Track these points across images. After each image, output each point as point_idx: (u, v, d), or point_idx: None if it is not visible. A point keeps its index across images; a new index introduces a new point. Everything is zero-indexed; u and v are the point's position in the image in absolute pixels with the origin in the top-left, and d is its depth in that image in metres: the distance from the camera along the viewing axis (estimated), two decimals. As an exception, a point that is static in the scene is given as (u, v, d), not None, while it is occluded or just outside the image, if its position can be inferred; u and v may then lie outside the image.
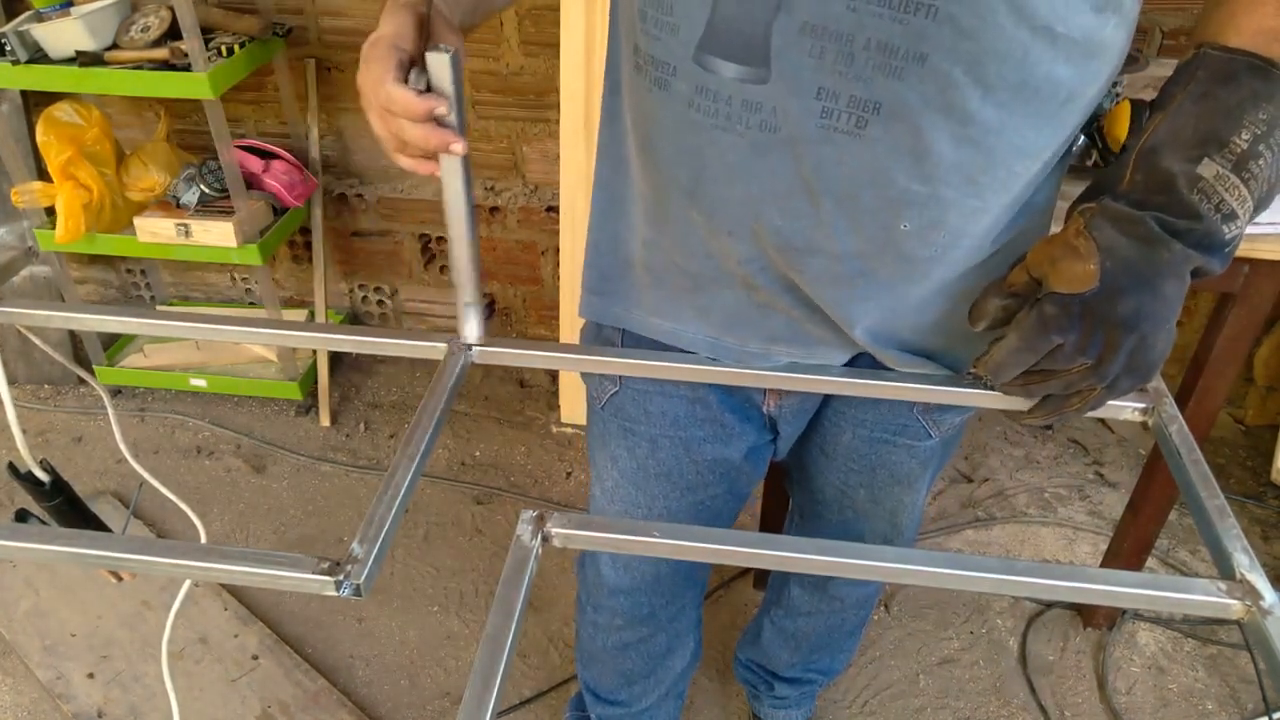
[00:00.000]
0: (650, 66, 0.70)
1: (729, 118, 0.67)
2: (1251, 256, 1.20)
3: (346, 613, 1.78)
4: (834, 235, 0.71)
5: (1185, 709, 1.61)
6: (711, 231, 0.76)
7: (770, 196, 0.70)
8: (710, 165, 0.71)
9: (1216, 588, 0.63)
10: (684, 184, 0.74)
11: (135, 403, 2.29)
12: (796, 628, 1.37)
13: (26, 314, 0.86)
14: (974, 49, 0.61)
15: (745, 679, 1.55)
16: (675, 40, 0.67)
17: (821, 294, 0.76)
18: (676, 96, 0.69)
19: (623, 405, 0.97)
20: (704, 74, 0.66)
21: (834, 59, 0.62)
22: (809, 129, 0.65)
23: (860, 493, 1.04)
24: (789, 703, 1.52)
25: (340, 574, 0.60)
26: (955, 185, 0.68)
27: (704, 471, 1.00)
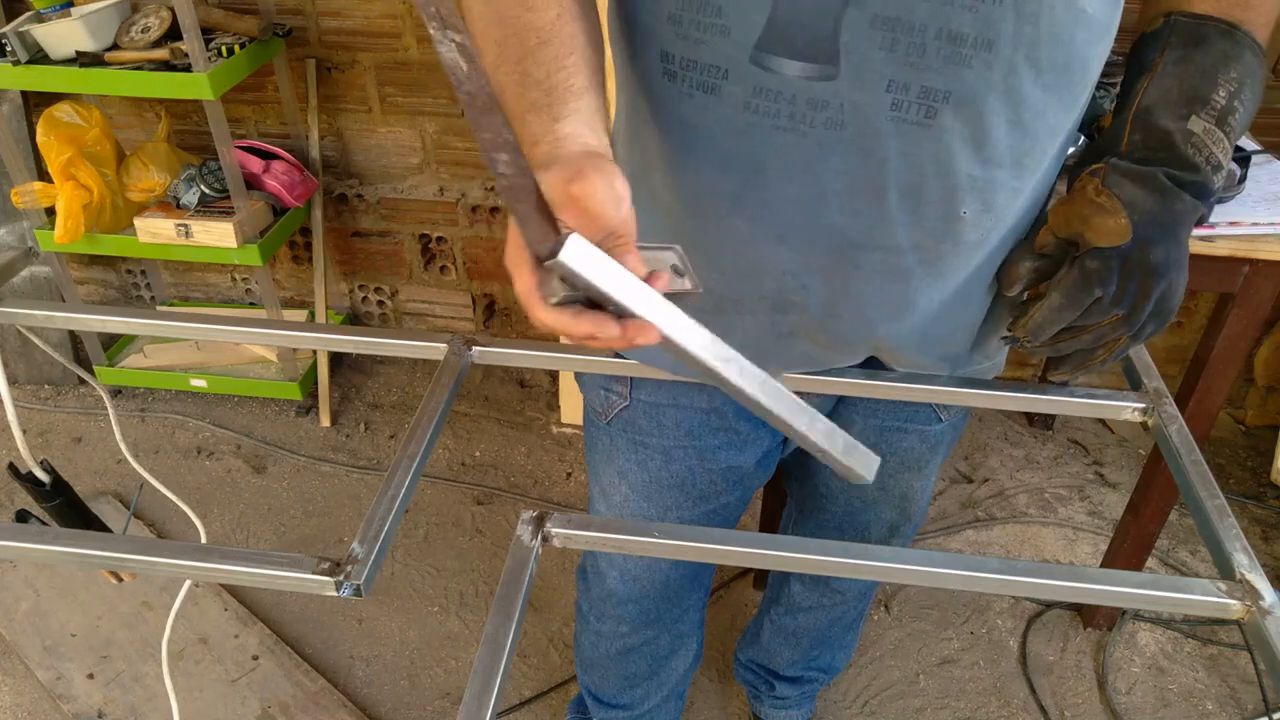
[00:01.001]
0: (691, 72, 0.67)
1: (791, 117, 0.66)
2: (1251, 256, 1.20)
3: (346, 613, 1.78)
4: (896, 228, 0.71)
5: (1185, 709, 1.61)
6: (756, 239, 0.74)
7: (832, 194, 0.70)
8: (767, 167, 0.69)
9: (1216, 588, 0.63)
10: (731, 190, 0.72)
11: (135, 403, 2.29)
12: (797, 624, 1.37)
13: (26, 314, 0.86)
14: (1033, 33, 0.62)
15: (746, 679, 1.55)
16: (726, 42, 0.65)
17: (867, 291, 0.76)
18: (728, 100, 0.67)
19: (634, 419, 0.96)
20: (763, 74, 0.65)
21: (906, 50, 0.62)
22: (879, 122, 0.65)
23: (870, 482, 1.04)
24: (790, 703, 1.52)
25: (340, 574, 0.60)
26: (1006, 168, 0.70)
27: (717, 480, 1.00)
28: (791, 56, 0.64)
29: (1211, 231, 1.19)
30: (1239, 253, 1.20)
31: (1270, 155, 1.31)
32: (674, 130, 0.72)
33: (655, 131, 0.74)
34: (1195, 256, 1.20)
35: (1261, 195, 1.24)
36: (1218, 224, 1.19)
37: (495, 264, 2.29)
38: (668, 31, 0.67)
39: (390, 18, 1.96)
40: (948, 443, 1.04)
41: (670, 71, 0.69)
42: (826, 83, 0.64)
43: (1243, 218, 1.19)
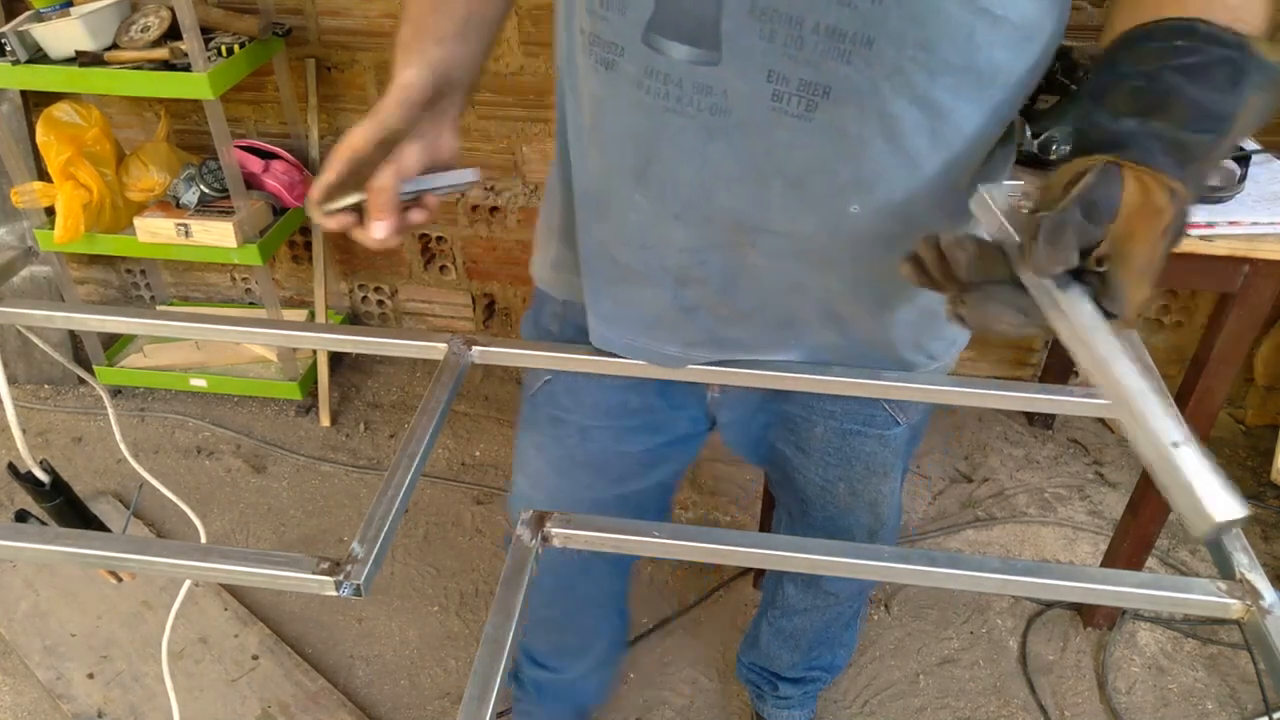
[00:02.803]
0: (597, 47, 0.69)
1: (680, 100, 0.67)
2: (1251, 256, 1.20)
3: (346, 613, 1.78)
4: (783, 215, 0.72)
5: (1185, 709, 1.61)
6: (657, 216, 0.75)
7: (722, 179, 0.71)
8: (661, 147, 0.71)
9: (1216, 588, 0.63)
10: (631, 166, 0.74)
11: (135, 403, 2.29)
12: (794, 626, 1.37)
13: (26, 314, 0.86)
14: (920, 33, 0.61)
15: (749, 680, 1.55)
16: (623, 20, 0.66)
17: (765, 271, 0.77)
18: (624, 77, 0.68)
19: (555, 394, 0.98)
20: (653, 55, 0.66)
21: (784, 42, 0.62)
22: (760, 112, 0.66)
23: (840, 486, 1.05)
24: (792, 703, 1.52)
25: (340, 574, 0.60)
26: (903, 170, 0.68)
27: (631, 463, 1.01)
28: (678, 40, 0.65)
29: (1211, 231, 1.19)
30: (1239, 252, 1.19)
31: (1270, 155, 1.31)
32: (588, 101, 0.74)
33: (577, 101, 0.77)
34: (1195, 256, 1.20)
35: (1261, 195, 1.24)
36: (1218, 224, 1.19)
37: (495, 264, 2.29)
38: (583, 4, 0.69)
39: (390, 17, 1.96)
40: (908, 447, 1.04)
41: (584, 45, 0.71)
42: (710, 68, 0.65)
43: (1243, 218, 1.19)
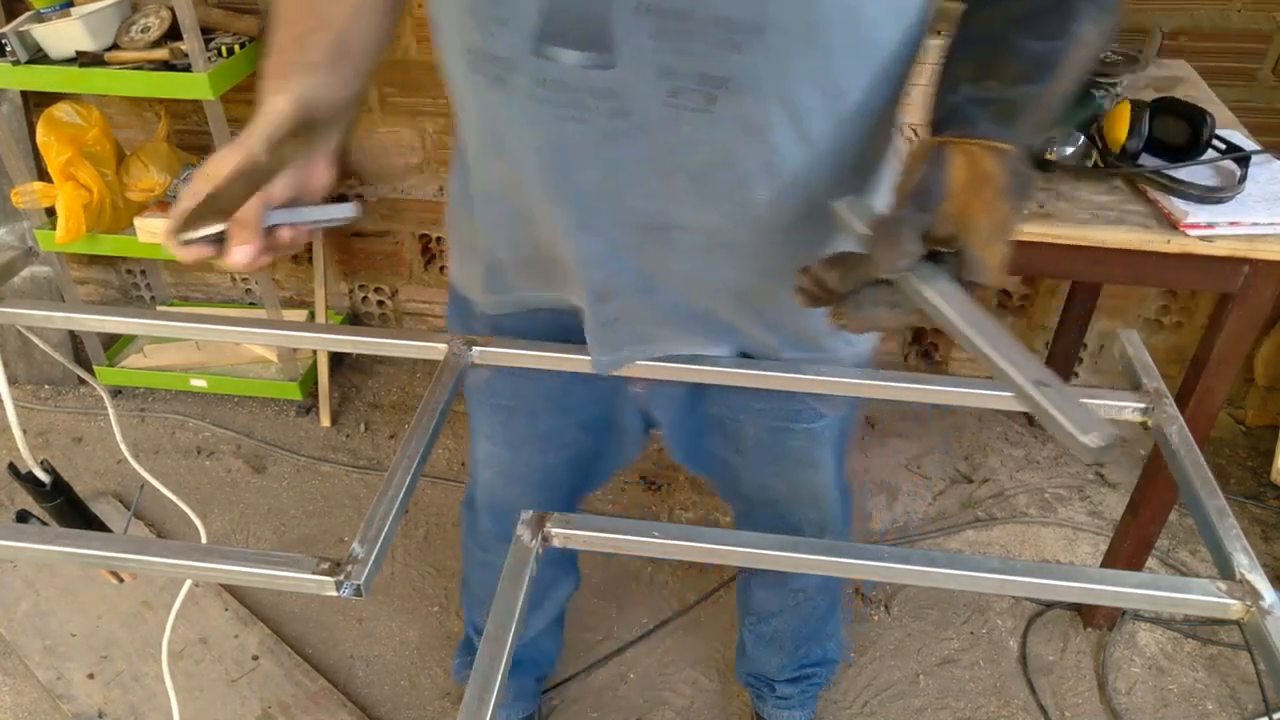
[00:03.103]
0: (487, 64, 0.68)
1: (578, 106, 0.66)
2: (1251, 256, 1.20)
3: (346, 613, 1.78)
4: (691, 210, 0.72)
5: (1185, 709, 1.61)
6: (566, 226, 0.75)
7: (628, 180, 0.71)
8: (564, 154, 0.70)
9: (1216, 588, 0.63)
10: (536, 177, 0.73)
11: (135, 403, 2.29)
12: (772, 630, 1.38)
13: (26, 314, 0.86)
14: (809, 15, 0.61)
15: (748, 685, 1.56)
16: (510, 33, 0.65)
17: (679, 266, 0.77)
18: (519, 90, 0.68)
19: (495, 384, 1.00)
20: (546, 64, 0.65)
21: (675, 37, 0.62)
22: (659, 110, 0.65)
23: (778, 484, 1.06)
24: (792, 703, 1.52)
25: (340, 574, 0.60)
26: (804, 153, 0.69)
27: (578, 430, 1.05)
28: (569, 46, 0.64)
29: (1211, 231, 1.19)
30: (1239, 253, 1.19)
31: (1270, 155, 1.31)
32: (484, 119, 0.74)
33: (468, 119, 0.77)
34: (1195, 256, 1.21)
35: (1261, 195, 1.24)
36: (1218, 224, 1.19)
37: (495, 264, 2.28)
38: (468, 24, 0.68)
39: (390, 18, 1.96)
40: (839, 438, 1.04)
41: (472, 63, 0.70)
42: (605, 71, 0.64)
43: (1243, 218, 1.19)
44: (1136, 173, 1.27)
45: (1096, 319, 2.03)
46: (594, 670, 1.69)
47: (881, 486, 2.04)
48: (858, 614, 1.78)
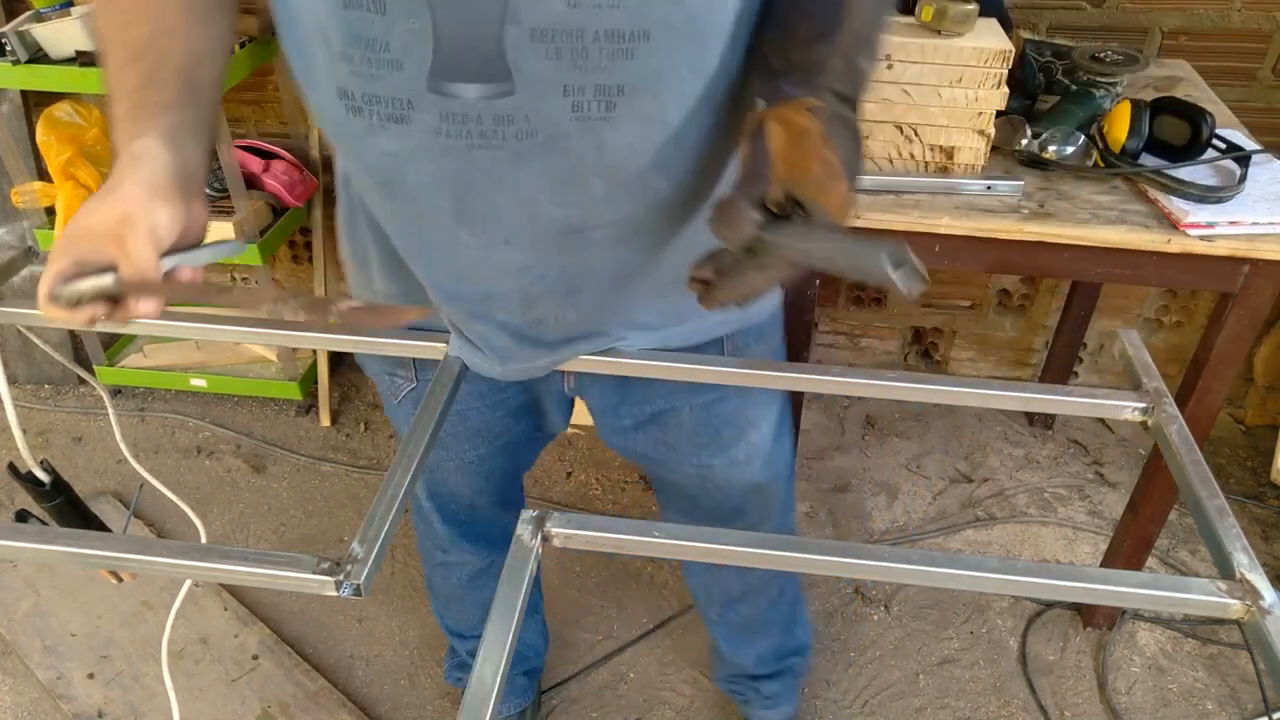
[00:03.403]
0: (376, 105, 0.67)
1: (484, 135, 0.67)
2: (1251, 256, 1.20)
3: (346, 613, 1.78)
4: (609, 210, 0.75)
5: (1185, 709, 1.61)
6: (484, 247, 0.76)
7: (541, 192, 0.72)
8: (475, 183, 0.71)
9: (1216, 588, 0.63)
10: (450, 209, 0.74)
11: (135, 403, 2.29)
12: (744, 618, 1.38)
13: (26, 314, 0.87)
14: (682, 13, 0.65)
15: (731, 691, 1.56)
16: (402, 75, 0.65)
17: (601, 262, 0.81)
18: (420, 128, 0.68)
19: (421, 395, 0.99)
20: (446, 100, 0.66)
21: (570, 56, 0.64)
22: (564, 125, 0.67)
23: (716, 462, 1.07)
24: (779, 699, 1.53)
25: (340, 574, 0.60)
26: (691, 135, 0.73)
27: (508, 419, 1.07)
28: (467, 80, 0.65)
29: (1211, 231, 1.19)
30: (1239, 253, 1.19)
31: (1270, 155, 1.31)
32: (376, 159, 0.73)
33: (357, 162, 0.76)
34: (1195, 256, 1.21)
35: (1261, 195, 1.24)
36: (1218, 224, 1.19)
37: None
38: (342, 69, 0.67)
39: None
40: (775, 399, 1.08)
41: (354, 107, 0.69)
42: (506, 99, 0.65)
43: (1243, 218, 1.19)
44: (1136, 172, 1.27)
45: (1096, 319, 2.03)
46: (594, 670, 1.69)
47: (881, 486, 2.04)
48: (858, 614, 1.78)
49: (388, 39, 0.64)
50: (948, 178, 1.28)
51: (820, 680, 1.66)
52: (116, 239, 0.64)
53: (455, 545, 1.28)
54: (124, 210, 0.65)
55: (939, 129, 1.25)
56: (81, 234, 0.65)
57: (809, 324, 1.40)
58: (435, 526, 1.26)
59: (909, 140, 1.26)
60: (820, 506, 1.99)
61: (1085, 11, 1.73)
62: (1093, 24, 1.74)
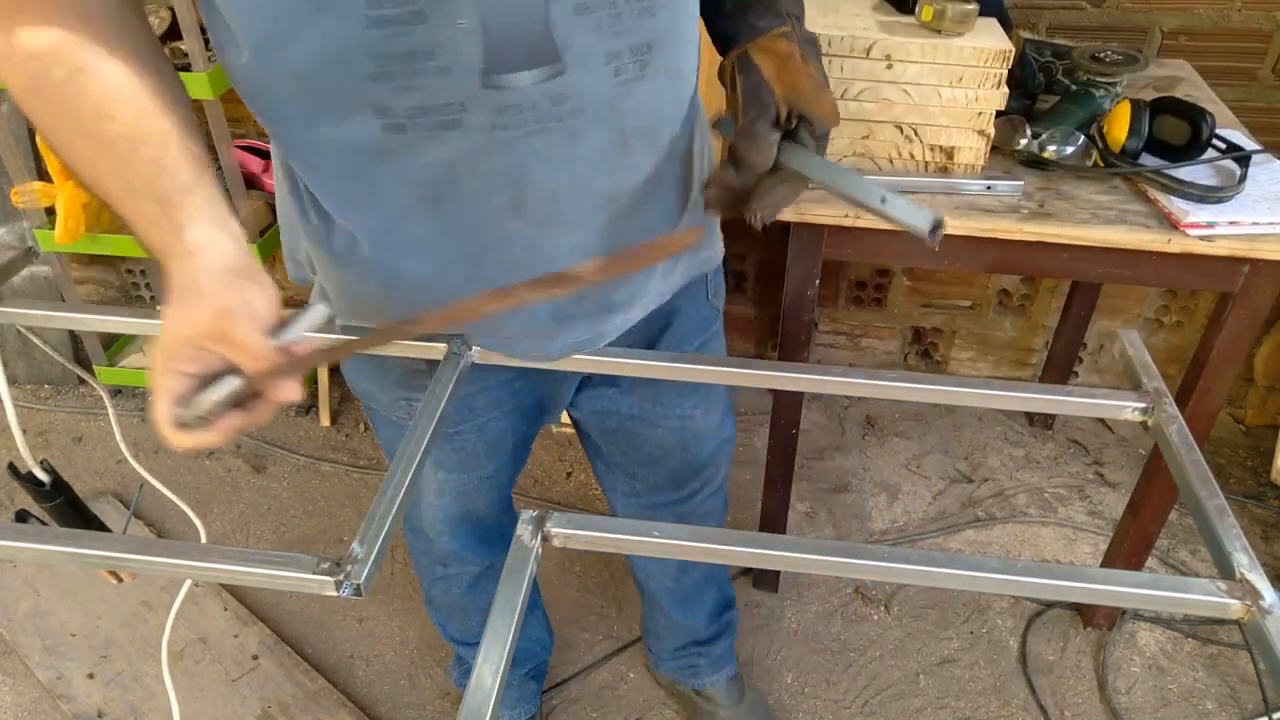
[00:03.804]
0: (425, 117, 0.67)
1: (540, 120, 0.69)
2: (1251, 256, 1.20)
3: (346, 613, 1.78)
4: (640, 171, 0.79)
5: (1185, 709, 1.61)
6: (540, 234, 0.78)
7: (591, 167, 0.75)
8: (532, 171, 0.73)
9: (1216, 588, 0.63)
10: (506, 203, 0.74)
11: (135, 403, 2.29)
12: (691, 580, 1.41)
13: (26, 314, 0.86)
14: None
15: (679, 665, 1.57)
16: (451, 80, 0.66)
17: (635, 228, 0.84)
18: (474, 128, 0.68)
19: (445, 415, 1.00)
20: (501, 94, 0.67)
21: (608, 22, 0.68)
22: (609, 92, 0.72)
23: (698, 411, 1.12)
24: (725, 659, 1.56)
25: (340, 574, 0.60)
26: (688, 80, 0.80)
27: (518, 420, 1.08)
28: (519, 69, 0.67)
29: (1211, 231, 1.19)
30: (1239, 253, 1.19)
31: (1270, 155, 1.31)
32: (421, 173, 0.72)
33: (400, 183, 0.74)
34: (1195, 256, 1.21)
35: (1261, 195, 1.24)
36: (1218, 224, 1.19)
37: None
38: (378, 90, 0.66)
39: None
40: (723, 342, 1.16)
41: (395, 125, 0.68)
42: (558, 79, 0.68)
43: (1243, 218, 1.19)
44: (1136, 172, 1.27)
45: (1096, 319, 2.03)
46: (594, 670, 1.69)
47: (881, 486, 2.04)
48: (858, 614, 1.78)
49: (431, 47, 0.64)
50: (948, 178, 1.28)
51: (820, 680, 1.66)
52: (221, 337, 0.59)
53: (458, 558, 1.26)
54: (217, 305, 0.59)
55: (939, 129, 1.25)
56: (180, 345, 0.59)
57: (809, 324, 1.40)
58: (443, 546, 1.23)
59: (909, 140, 1.26)
60: (820, 506, 1.99)
61: (1085, 11, 1.74)
62: (1093, 24, 1.74)
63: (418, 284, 0.84)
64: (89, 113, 0.61)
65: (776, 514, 1.67)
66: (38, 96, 0.62)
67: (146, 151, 0.61)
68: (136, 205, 0.61)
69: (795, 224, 1.28)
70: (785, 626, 1.75)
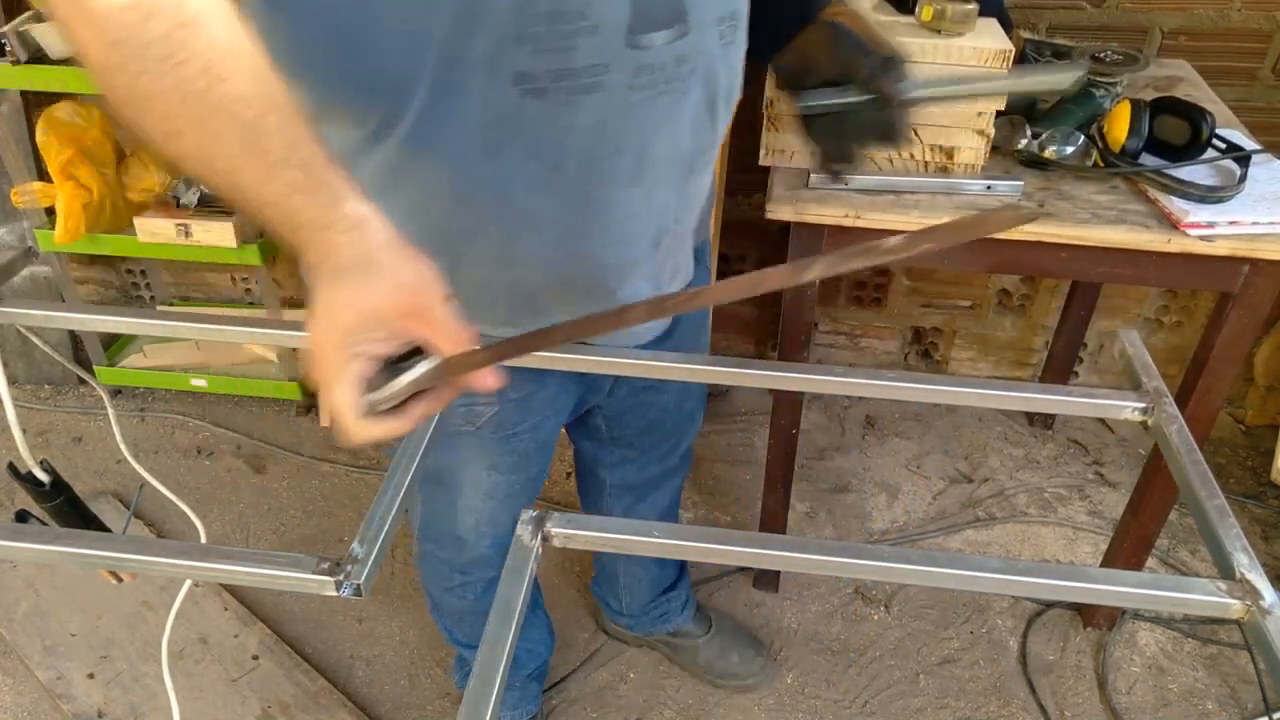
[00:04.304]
0: (566, 80, 0.68)
1: (667, 80, 0.73)
2: (1251, 256, 1.20)
3: (346, 613, 1.78)
4: (717, 130, 0.85)
5: (1185, 709, 1.61)
6: (648, 195, 0.81)
7: (688, 128, 0.79)
8: (651, 134, 0.76)
9: (1216, 588, 0.63)
10: (628, 166, 0.77)
11: (135, 403, 2.29)
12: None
13: (26, 314, 0.86)
14: None
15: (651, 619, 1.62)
16: (598, 39, 0.68)
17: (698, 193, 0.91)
18: (613, 90, 0.71)
19: (505, 417, 1.01)
20: (640, 53, 0.70)
21: None
22: (715, 54, 0.77)
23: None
24: (689, 599, 1.63)
25: (340, 574, 0.60)
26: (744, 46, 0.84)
27: (558, 423, 1.10)
28: (656, 29, 0.71)
29: (1211, 231, 1.19)
30: (1239, 253, 1.19)
31: (1270, 155, 1.31)
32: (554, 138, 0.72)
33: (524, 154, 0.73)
34: (1195, 256, 1.20)
35: (1261, 195, 1.23)
36: (1217, 224, 1.19)
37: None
38: (520, 53, 0.66)
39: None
40: None
41: (536, 90, 0.68)
42: (683, 39, 0.72)
43: (1243, 217, 1.19)
44: (1136, 172, 1.27)
45: (1096, 319, 2.03)
46: (594, 670, 1.69)
47: (881, 486, 2.04)
48: (858, 614, 1.78)
49: (583, 7, 0.66)
50: (948, 178, 1.28)
51: (820, 680, 1.66)
52: (420, 314, 0.54)
53: (486, 563, 1.23)
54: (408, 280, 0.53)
55: (939, 129, 1.25)
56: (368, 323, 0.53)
57: (809, 324, 1.40)
58: (478, 550, 1.19)
59: (909, 140, 1.26)
60: (820, 506, 1.99)
61: (1085, 11, 1.73)
62: (1093, 24, 1.74)
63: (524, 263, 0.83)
64: (198, 72, 0.52)
65: (776, 514, 1.67)
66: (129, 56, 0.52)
67: (273, 117, 0.53)
68: (273, 174, 0.54)
69: (795, 224, 1.27)
70: (785, 626, 1.75)
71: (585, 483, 1.45)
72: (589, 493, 1.46)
